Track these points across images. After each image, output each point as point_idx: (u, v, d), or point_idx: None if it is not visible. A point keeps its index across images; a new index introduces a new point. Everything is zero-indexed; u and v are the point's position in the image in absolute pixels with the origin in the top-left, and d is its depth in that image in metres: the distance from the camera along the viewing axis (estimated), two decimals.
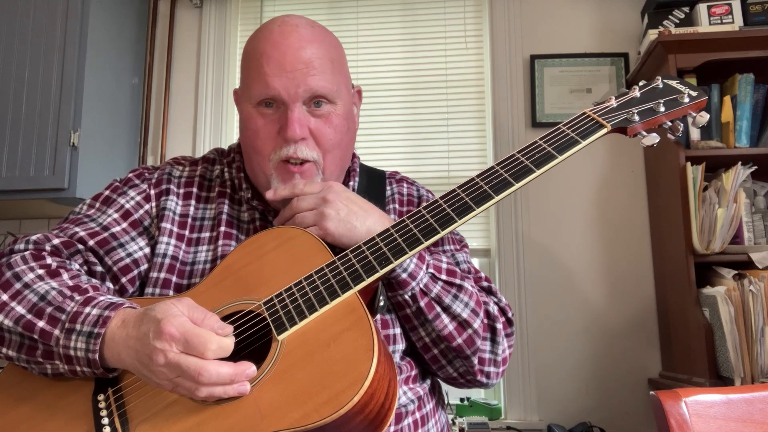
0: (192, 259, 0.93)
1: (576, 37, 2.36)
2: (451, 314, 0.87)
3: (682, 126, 0.84)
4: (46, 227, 2.42)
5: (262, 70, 0.89)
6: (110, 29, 2.28)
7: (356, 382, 0.65)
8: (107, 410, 0.73)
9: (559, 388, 2.13)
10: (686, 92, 0.84)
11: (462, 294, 0.88)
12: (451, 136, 2.38)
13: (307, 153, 0.90)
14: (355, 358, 0.68)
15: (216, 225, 0.95)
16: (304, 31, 0.92)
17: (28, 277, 0.80)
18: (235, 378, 0.68)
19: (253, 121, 0.91)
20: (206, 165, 1.02)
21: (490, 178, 0.80)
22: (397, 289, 0.85)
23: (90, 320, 0.74)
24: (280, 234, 0.87)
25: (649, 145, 0.82)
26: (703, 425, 0.83)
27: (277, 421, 0.66)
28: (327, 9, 2.54)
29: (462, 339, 0.87)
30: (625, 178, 2.25)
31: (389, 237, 0.79)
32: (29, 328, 0.75)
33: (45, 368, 0.77)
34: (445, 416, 0.98)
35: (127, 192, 0.96)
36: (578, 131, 0.81)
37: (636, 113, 0.82)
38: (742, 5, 2.01)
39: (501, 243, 2.23)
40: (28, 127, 2.05)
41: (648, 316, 2.14)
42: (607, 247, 2.21)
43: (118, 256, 0.90)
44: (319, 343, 0.71)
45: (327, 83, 0.91)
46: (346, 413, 0.64)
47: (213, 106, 2.47)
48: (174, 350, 0.67)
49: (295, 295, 0.77)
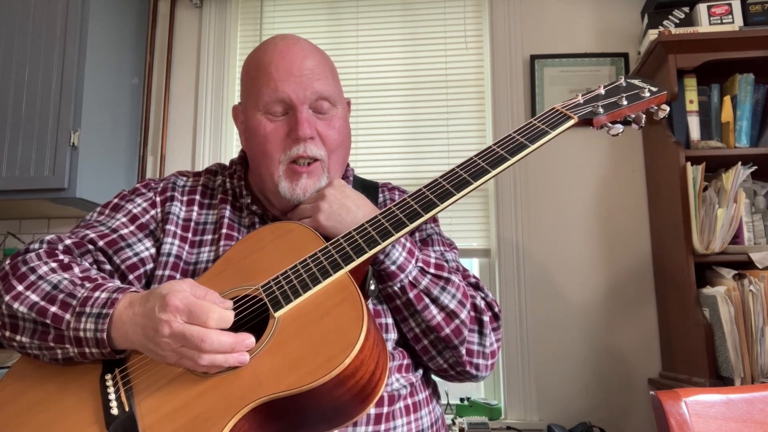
0: (195, 259, 0.98)
1: (576, 37, 2.36)
2: (439, 305, 0.92)
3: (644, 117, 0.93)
4: (46, 227, 2.42)
5: (272, 76, 0.96)
6: (110, 29, 2.28)
7: (347, 347, 0.70)
8: (114, 387, 0.78)
9: (559, 388, 2.13)
10: (647, 88, 0.93)
11: (449, 286, 0.94)
12: (451, 136, 2.38)
13: (316, 151, 0.96)
14: (346, 327, 0.73)
15: (218, 228, 1.01)
16: (305, 44, 1.01)
17: (42, 270, 0.86)
18: (235, 346, 0.72)
19: (262, 126, 0.97)
20: (209, 176, 1.09)
21: (469, 167, 0.87)
22: (387, 281, 0.91)
23: (99, 303, 0.79)
24: (277, 228, 0.93)
25: (614, 134, 0.91)
26: (703, 425, 0.83)
27: (274, 385, 0.70)
28: (327, 9, 2.54)
29: (450, 329, 0.92)
30: (625, 178, 2.25)
31: (377, 222, 0.86)
32: (42, 313, 0.80)
33: (56, 353, 0.81)
34: (440, 410, 1.01)
35: (134, 199, 1.03)
36: (547, 123, 0.90)
37: (601, 107, 0.91)
38: (742, 5, 2.01)
39: (501, 243, 2.23)
40: (28, 127, 2.05)
41: (648, 316, 2.14)
42: (607, 246, 2.21)
43: (125, 255, 0.96)
44: (313, 317, 0.76)
45: (330, 87, 0.99)
46: (338, 375, 0.68)
47: (213, 106, 2.47)
48: (178, 320, 0.72)
49: (290, 276, 0.82)
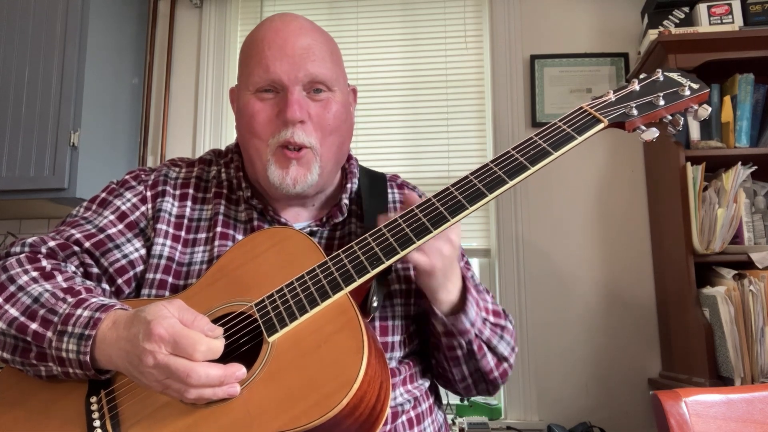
0: (188, 260, 0.92)
1: (576, 37, 2.36)
2: (496, 354, 0.92)
3: (682, 120, 0.81)
4: (45, 227, 2.42)
5: (264, 54, 0.90)
6: (110, 29, 2.28)
7: (345, 385, 0.65)
8: (99, 412, 0.73)
9: (559, 388, 2.13)
10: (687, 84, 0.81)
11: (506, 334, 0.93)
12: (451, 136, 2.38)
13: (305, 138, 0.89)
14: (344, 360, 0.67)
15: (212, 226, 0.95)
16: (304, 22, 0.94)
17: (22, 279, 0.81)
18: (224, 380, 0.68)
19: (251, 105, 0.91)
20: (202, 166, 1.02)
21: (485, 176, 0.78)
22: (456, 336, 0.87)
23: (81, 322, 0.74)
24: (274, 234, 0.87)
25: (648, 139, 0.80)
26: (703, 425, 0.83)
27: (266, 423, 0.65)
28: (327, 9, 2.54)
29: (498, 372, 0.93)
30: (625, 178, 2.25)
31: (381, 237, 0.78)
32: (23, 330, 0.76)
33: (39, 370, 0.77)
34: (442, 416, 0.99)
35: (123, 194, 0.96)
36: (574, 126, 0.79)
37: (634, 107, 0.80)
38: (742, 5, 2.01)
39: (501, 243, 2.23)
40: (28, 127, 2.05)
41: (648, 316, 2.14)
42: (607, 246, 2.21)
43: (114, 258, 0.90)
44: (310, 345, 0.71)
45: (326, 70, 0.91)
46: (335, 416, 0.64)
47: (213, 106, 2.47)
48: (163, 351, 0.66)
49: (286, 296, 0.76)
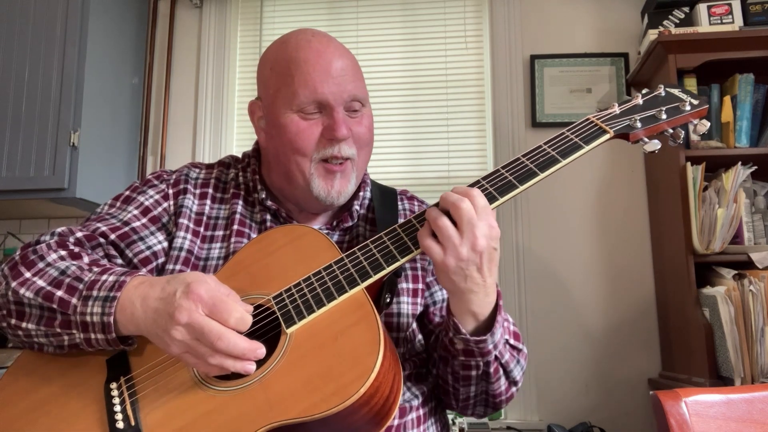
0: (206, 255, 0.96)
1: (576, 37, 2.36)
2: (509, 378, 0.90)
3: (683, 133, 0.86)
4: (46, 227, 2.42)
5: (309, 75, 0.94)
6: (110, 29, 2.28)
7: (363, 375, 0.68)
8: (119, 398, 0.75)
9: (559, 388, 2.13)
10: (688, 100, 0.86)
11: (521, 358, 0.92)
12: (451, 136, 2.38)
13: (348, 151, 0.96)
14: (362, 351, 0.70)
15: (229, 224, 0.99)
16: (337, 43, 1.00)
17: (51, 257, 0.85)
18: (246, 353, 0.70)
19: (294, 124, 0.95)
20: (221, 168, 1.07)
21: (496, 180, 0.83)
22: (476, 356, 0.84)
23: (106, 286, 0.77)
24: (290, 231, 0.90)
25: (650, 151, 0.85)
26: (703, 425, 0.83)
27: (285, 410, 0.68)
28: (327, 9, 2.54)
29: (506, 396, 0.92)
30: (625, 178, 2.25)
31: (396, 235, 0.82)
32: (48, 298, 0.79)
33: (62, 339, 0.79)
34: (445, 416, 1.01)
35: (146, 191, 1.00)
36: (582, 136, 0.84)
37: (638, 120, 0.84)
38: (742, 5, 2.01)
39: (501, 243, 2.22)
40: (28, 127, 2.05)
41: (648, 316, 2.14)
42: (607, 247, 2.21)
43: (138, 249, 0.94)
44: (327, 337, 0.74)
45: (361, 89, 0.98)
46: (353, 404, 0.67)
47: (213, 106, 2.47)
48: (200, 311, 0.70)
49: (303, 290, 0.80)
